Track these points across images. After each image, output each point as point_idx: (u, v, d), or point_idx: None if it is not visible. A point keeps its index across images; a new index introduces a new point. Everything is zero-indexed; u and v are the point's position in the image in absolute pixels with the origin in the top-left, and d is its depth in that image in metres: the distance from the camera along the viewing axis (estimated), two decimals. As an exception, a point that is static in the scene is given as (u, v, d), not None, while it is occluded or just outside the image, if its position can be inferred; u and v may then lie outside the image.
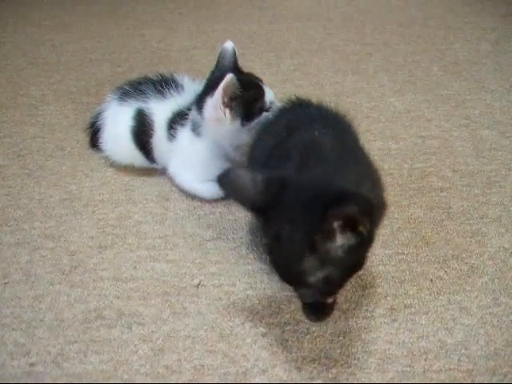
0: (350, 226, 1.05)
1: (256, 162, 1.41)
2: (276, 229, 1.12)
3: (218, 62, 1.65)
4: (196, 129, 1.64)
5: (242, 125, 1.58)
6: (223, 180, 1.17)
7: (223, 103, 1.55)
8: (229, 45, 1.64)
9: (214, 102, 1.56)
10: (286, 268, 1.13)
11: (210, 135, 1.63)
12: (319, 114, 1.43)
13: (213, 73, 1.66)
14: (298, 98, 1.52)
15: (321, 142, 1.26)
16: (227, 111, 1.56)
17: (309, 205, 1.08)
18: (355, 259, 1.12)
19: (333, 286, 1.15)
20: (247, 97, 1.56)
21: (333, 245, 1.07)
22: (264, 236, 1.17)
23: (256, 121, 1.58)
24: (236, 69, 1.63)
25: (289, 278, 1.15)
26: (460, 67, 2.40)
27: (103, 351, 1.29)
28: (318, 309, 1.29)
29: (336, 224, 1.05)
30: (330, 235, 1.06)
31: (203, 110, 1.61)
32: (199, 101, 1.64)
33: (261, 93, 1.59)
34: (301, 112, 1.46)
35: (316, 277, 1.10)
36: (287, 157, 1.26)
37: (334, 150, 1.24)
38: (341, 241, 1.07)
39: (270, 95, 1.61)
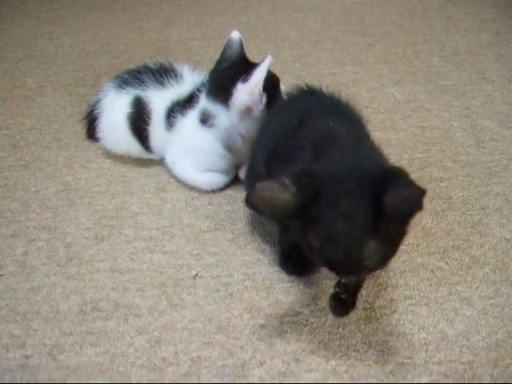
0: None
1: (263, 148, 1.39)
2: (326, 228, 1.07)
3: (225, 52, 1.62)
4: (208, 119, 1.61)
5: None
6: (251, 200, 1.07)
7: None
8: (235, 35, 1.61)
9: (253, 86, 1.53)
10: (343, 261, 1.08)
11: (226, 126, 1.60)
12: (332, 103, 1.40)
13: (219, 63, 1.63)
14: (308, 86, 1.49)
15: (336, 132, 1.24)
16: (264, 96, 1.55)
17: (358, 193, 1.05)
18: (407, 227, 1.10)
19: (386, 262, 1.11)
20: (271, 85, 1.54)
21: (392, 218, 1.04)
22: (308, 239, 1.10)
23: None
24: (245, 59, 1.60)
25: (345, 269, 1.11)
26: (460, 58, 2.38)
27: (99, 343, 1.27)
28: (343, 304, 1.26)
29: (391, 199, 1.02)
30: (395, 218, 1.04)
31: (232, 98, 1.57)
32: (216, 91, 1.61)
33: (278, 82, 1.57)
34: (313, 101, 1.43)
35: (374, 259, 1.07)
36: (299, 147, 1.24)
37: (349, 141, 1.22)
38: (400, 210, 1.03)
39: (282, 85, 1.60)
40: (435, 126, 1.94)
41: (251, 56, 1.63)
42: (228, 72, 1.60)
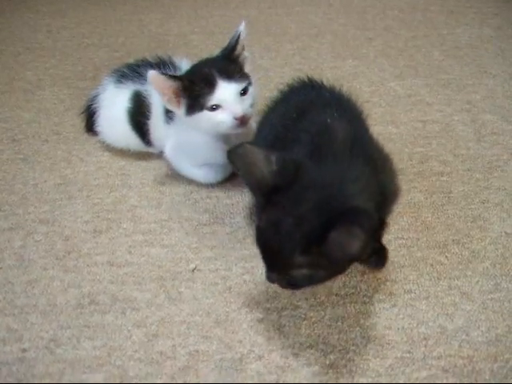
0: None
1: (263, 140, 1.38)
2: (278, 216, 1.08)
3: (228, 43, 1.60)
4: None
5: (186, 115, 1.55)
6: (234, 154, 1.11)
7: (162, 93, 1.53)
8: (240, 27, 1.58)
9: None
10: (272, 255, 1.10)
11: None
12: (332, 97, 1.39)
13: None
14: (309, 79, 1.48)
15: (334, 129, 1.22)
16: (172, 101, 1.54)
17: (318, 209, 1.05)
18: (342, 266, 1.11)
19: (311, 283, 1.12)
20: (191, 91, 1.52)
21: (323, 259, 1.04)
22: (261, 217, 1.12)
23: (199, 116, 1.54)
24: (227, 53, 1.57)
25: (271, 264, 1.12)
26: (461, 52, 2.38)
27: (96, 337, 1.26)
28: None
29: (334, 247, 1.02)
30: (325, 252, 1.03)
31: None
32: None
33: (207, 90, 1.52)
34: (313, 94, 1.42)
35: (299, 273, 1.08)
36: (296, 140, 1.23)
37: (347, 138, 1.20)
38: (335, 252, 1.03)
39: (225, 95, 1.51)
40: (436, 120, 1.93)
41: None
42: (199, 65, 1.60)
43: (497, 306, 1.30)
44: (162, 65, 1.72)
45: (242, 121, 1.52)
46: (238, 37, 1.55)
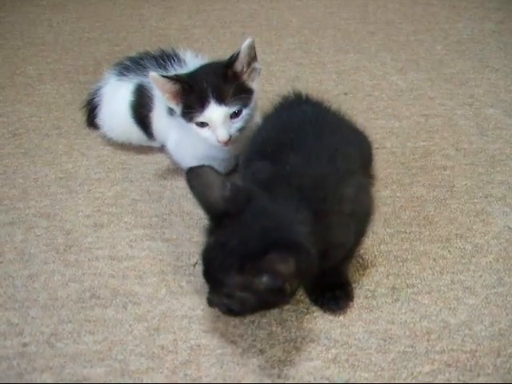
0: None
1: (250, 153, 1.37)
2: (225, 237, 1.11)
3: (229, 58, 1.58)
4: None
5: (180, 116, 1.56)
6: (192, 174, 1.16)
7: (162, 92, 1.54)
8: (244, 43, 1.55)
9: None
10: (213, 273, 1.12)
11: None
12: (314, 114, 1.37)
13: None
14: (295, 94, 1.47)
15: (306, 147, 1.23)
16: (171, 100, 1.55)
17: (261, 236, 1.07)
18: (272, 299, 1.10)
19: (243, 309, 1.12)
20: (186, 98, 1.53)
21: (257, 279, 1.06)
22: (208, 234, 1.15)
23: (189, 124, 1.55)
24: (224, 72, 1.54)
25: (211, 283, 1.13)
26: (464, 46, 2.37)
27: (97, 331, 1.26)
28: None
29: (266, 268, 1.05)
30: (258, 272, 1.05)
31: None
32: None
33: (198, 107, 1.51)
34: (296, 111, 1.40)
35: (232, 293, 1.09)
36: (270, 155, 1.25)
37: (318, 157, 1.22)
38: (265, 281, 1.05)
39: (213, 118, 1.51)
40: (438, 114, 1.93)
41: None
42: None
43: (500, 301, 1.30)
44: (166, 56, 1.71)
45: (226, 144, 1.53)
46: (237, 55, 1.51)
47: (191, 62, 1.70)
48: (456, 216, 1.52)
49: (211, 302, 1.15)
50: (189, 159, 1.67)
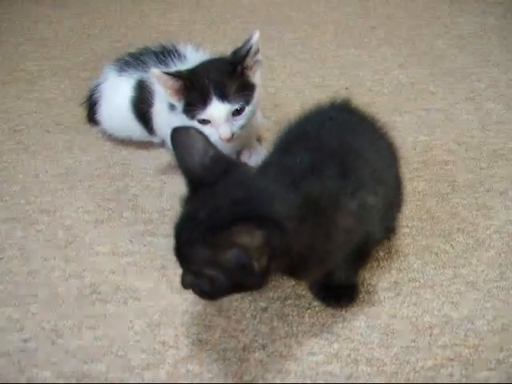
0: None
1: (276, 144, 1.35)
2: (196, 206, 1.07)
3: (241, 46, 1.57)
4: None
5: (182, 112, 1.55)
6: (177, 134, 1.12)
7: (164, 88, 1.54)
8: (253, 38, 1.52)
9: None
10: (181, 246, 1.07)
11: None
12: (348, 122, 1.31)
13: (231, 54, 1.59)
14: (343, 101, 1.38)
15: (326, 151, 1.19)
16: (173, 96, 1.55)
17: (229, 205, 1.03)
18: (242, 279, 1.06)
19: (214, 289, 1.07)
20: (188, 95, 1.52)
21: (222, 254, 1.02)
22: (183, 203, 1.10)
23: (191, 121, 1.54)
24: (230, 68, 1.53)
25: (179, 255, 1.09)
26: (465, 41, 2.37)
27: (98, 326, 1.25)
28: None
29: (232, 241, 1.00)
30: (222, 245, 1.01)
31: None
32: None
33: (200, 104, 1.51)
34: (331, 115, 1.32)
35: (200, 271, 1.06)
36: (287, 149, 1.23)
37: (333, 162, 1.16)
38: (229, 256, 1.01)
39: (215, 115, 1.51)
40: (440, 109, 1.92)
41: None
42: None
43: (502, 295, 1.29)
44: (166, 51, 1.71)
45: (228, 140, 1.53)
46: (249, 50, 1.51)
47: (192, 56, 1.70)
48: (458, 210, 1.51)
49: (185, 283, 1.10)
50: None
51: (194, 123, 1.53)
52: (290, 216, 1.05)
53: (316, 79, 2.12)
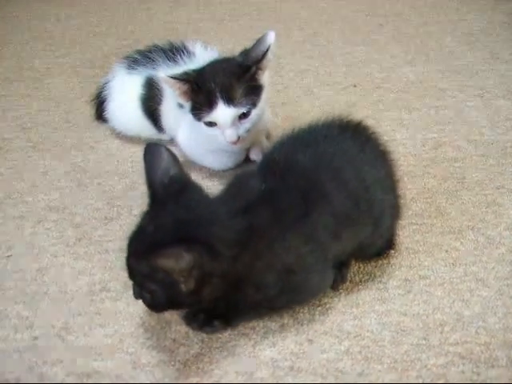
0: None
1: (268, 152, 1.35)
2: (147, 220, 1.11)
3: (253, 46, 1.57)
4: None
5: (190, 113, 1.55)
6: (148, 149, 1.17)
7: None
8: (270, 35, 1.55)
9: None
10: (128, 253, 1.11)
11: None
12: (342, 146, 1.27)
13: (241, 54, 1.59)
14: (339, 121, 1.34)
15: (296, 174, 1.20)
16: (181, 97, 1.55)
17: (172, 225, 1.08)
18: (177, 296, 1.09)
19: (155, 302, 1.12)
20: (195, 97, 1.52)
21: (154, 271, 1.05)
22: (142, 215, 1.15)
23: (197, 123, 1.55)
24: (240, 71, 1.53)
25: (127, 264, 1.12)
26: (473, 38, 2.36)
27: (108, 324, 1.25)
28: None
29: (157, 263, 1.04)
30: (153, 263, 1.04)
31: None
32: None
33: (207, 107, 1.51)
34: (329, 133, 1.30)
35: (142, 283, 1.10)
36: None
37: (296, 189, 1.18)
38: (160, 274, 1.05)
39: (221, 119, 1.51)
40: (449, 106, 1.92)
41: (259, 36, 1.58)
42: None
43: (513, 292, 1.29)
44: (175, 49, 1.71)
45: (235, 143, 1.53)
46: (266, 52, 1.51)
47: (201, 54, 1.69)
48: (468, 208, 1.51)
49: (135, 293, 1.15)
50: (199, 152, 1.67)
51: (201, 125, 1.53)
52: (230, 241, 1.08)
53: (324, 76, 2.12)
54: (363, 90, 2.02)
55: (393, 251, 1.38)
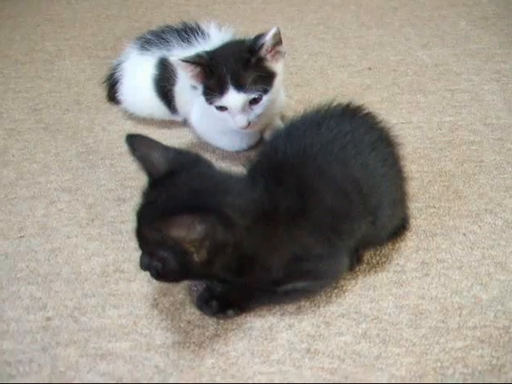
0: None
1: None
2: (157, 193, 1.10)
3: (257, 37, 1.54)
4: None
5: (202, 95, 1.53)
6: (132, 139, 1.16)
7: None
8: (268, 34, 1.49)
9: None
10: (138, 223, 1.10)
11: None
12: (347, 130, 1.24)
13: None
14: (349, 107, 1.31)
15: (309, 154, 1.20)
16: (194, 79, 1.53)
17: (185, 194, 1.08)
18: (189, 265, 1.07)
19: (166, 270, 1.09)
20: (207, 81, 1.51)
21: (169, 238, 1.04)
22: (142, 195, 1.13)
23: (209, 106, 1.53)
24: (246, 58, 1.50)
25: (137, 235, 1.11)
26: (489, 22, 2.33)
27: (122, 305, 1.24)
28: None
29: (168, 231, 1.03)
30: (165, 231, 1.03)
31: None
32: None
33: (217, 92, 1.49)
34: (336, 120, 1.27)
35: (153, 250, 1.09)
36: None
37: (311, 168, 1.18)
38: (172, 242, 1.04)
39: (231, 104, 1.49)
40: (464, 90, 1.89)
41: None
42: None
43: (532, 276, 1.27)
44: (189, 29, 1.69)
45: (245, 128, 1.53)
46: (262, 45, 1.48)
47: (215, 35, 1.67)
48: (485, 191, 1.49)
49: (142, 264, 1.12)
50: (212, 134, 1.65)
51: (213, 108, 1.51)
52: (245, 210, 1.08)
53: (338, 59, 2.10)
54: (378, 72, 2.00)
55: (409, 233, 1.36)
